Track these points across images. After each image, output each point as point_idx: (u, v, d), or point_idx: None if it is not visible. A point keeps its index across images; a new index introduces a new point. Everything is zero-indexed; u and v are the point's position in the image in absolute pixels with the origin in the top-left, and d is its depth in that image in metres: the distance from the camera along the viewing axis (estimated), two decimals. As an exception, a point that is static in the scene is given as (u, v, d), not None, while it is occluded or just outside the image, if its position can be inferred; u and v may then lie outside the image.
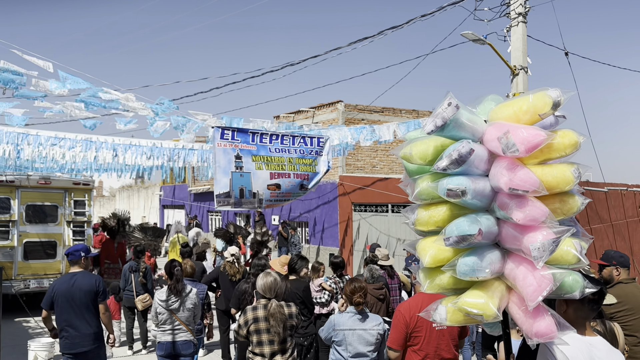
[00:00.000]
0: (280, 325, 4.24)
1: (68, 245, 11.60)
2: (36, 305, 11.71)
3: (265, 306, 4.31)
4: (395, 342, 3.98)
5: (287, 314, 4.33)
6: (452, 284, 2.48)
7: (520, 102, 2.37)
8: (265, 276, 4.46)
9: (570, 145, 2.33)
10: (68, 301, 5.27)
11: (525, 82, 10.76)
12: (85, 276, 5.43)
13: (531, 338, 2.27)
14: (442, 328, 3.97)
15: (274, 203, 7.74)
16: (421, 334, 3.94)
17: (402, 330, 3.96)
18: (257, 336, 4.24)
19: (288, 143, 7.69)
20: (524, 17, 10.64)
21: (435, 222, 2.48)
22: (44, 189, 11.54)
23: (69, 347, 5.29)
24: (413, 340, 3.96)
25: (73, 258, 5.44)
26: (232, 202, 7.20)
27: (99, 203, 37.77)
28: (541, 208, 2.26)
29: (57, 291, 5.32)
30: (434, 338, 3.95)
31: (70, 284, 5.31)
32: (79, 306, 5.29)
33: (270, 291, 4.38)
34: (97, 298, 5.39)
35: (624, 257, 4.60)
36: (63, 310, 5.28)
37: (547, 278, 2.22)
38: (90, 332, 5.33)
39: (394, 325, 4.03)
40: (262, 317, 4.26)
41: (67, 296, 5.27)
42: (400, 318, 3.99)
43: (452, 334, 4.04)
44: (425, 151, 2.47)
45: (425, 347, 3.95)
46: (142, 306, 8.10)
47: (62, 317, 5.29)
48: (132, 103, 7.29)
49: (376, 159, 17.85)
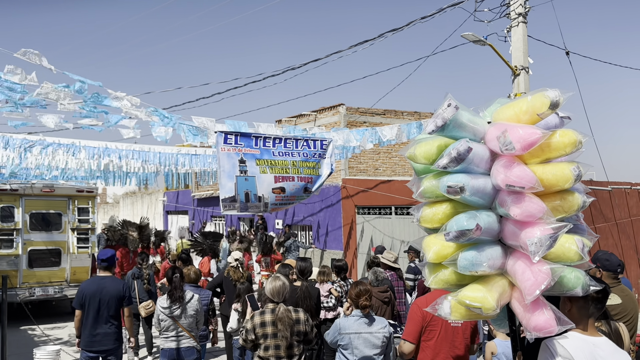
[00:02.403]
0: (288, 330, 4.22)
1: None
2: (41, 313, 11.79)
3: (273, 310, 4.29)
4: (411, 334, 3.97)
5: (294, 319, 4.31)
6: (456, 280, 2.53)
7: (520, 103, 2.45)
8: (273, 280, 4.45)
9: (570, 144, 2.37)
10: (95, 303, 5.65)
11: (527, 82, 10.76)
12: (114, 281, 5.85)
13: (530, 332, 2.32)
14: (457, 325, 3.96)
15: (279, 206, 7.74)
16: (436, 328, 3.93)
17: (418, 323, 3.95)
18: (264, 341, 4.22)
19: (291, 146, 7.69)
20: (524, 18, 10.65)
21: (439, 219, 2.55)
22: (47, 197, 11.58)
23: (91, 345, 5.66)
24: (428, 335, 3.95)
25: (110, 264, 5.87)
26: (238, 207, 7.19)
27: (102, 210, 37.86)
28: (538, 204, 2.31)
29: (85, 293, 5.69)
30: (450, 334, 3.94)
31: (100, 287, 5.70)
32: (105, 308, 5.67)
33: (279, 295, 4.38)
34: (122, 302, 5.80)
35: (610, 261, 4.52)
36: (91, 310, 5.66)
37: (544, 272, 2.27)
38: (112, 332, 5.72)
39: (410, 318, 4.02)
40: (270, 321, 4.25)
41: (95, 298, 5.66)
42: (417, 311, 3.98)
43: (466, 333, 4.02)
44: (429, 151, 2.56)
45: (440, 343, 3.94)
46: (146, 313, 8.10)
47: (89, 316, 5.67)
48: (136, 111, 7.27)
49: (379, 162, 17.85)
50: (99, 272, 5.92)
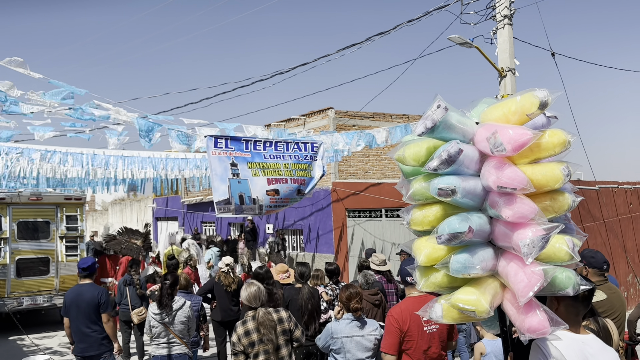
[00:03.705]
0: (272, 332, 4.20)
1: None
2: (30, 323, 11.63)
3: (254, 317, 4.27)
4: (390, 347, 3.96)
5: (276, 319, 4.30)
6: (447, 282, 2.51)
7: (509, 104, 2.42)
8: (248, 287, 4.43)
9: (559, 144, 2.36)
10: (74, 310, 5.79)
11: (514, 84, 10.83)
12: (91, 288, 5.89)
13: (524, 334, 2.30)
14: (433, 331, 3.97)
15: (274, 209, 7.72)
16: (413, 338, 3.93)
17: (396, 334, 3.95)
18: (252, 349, 4.19)
19: (282, 149, 7.68)
20: (509, 20, 10.73)
21: (430, 221, 2.53)
22: (35, 205, 11.45)
23: (79, 350, 5.83)
24: (406, 344, 3.95)
25: (90, 272, 5.93)
26: (233, 209, 7.14)
27: (91, 217, 37.51)
28: (530, 205, 2.30)
29: (66, 300, 5.87)
30: (425, 341, 3.94)
31: (77, 295, 5.82)
32: (84, 315, 5.78)
33: (256, 300, 4.35)
34: (99, 308, 5.84)
35: (595, 258, 4.59)
36: (72, 318, 5.82)
37: (537, 274, 2.26)
38: (96, 338, 5.81)
39: (388, 331, 4.00)
40: (253, 328, 4.22)
41: (73, 305, 5.80)
42: (393, 322, 3.97)
43: (442, 336, 4.04)
44: (418, 153, 2.54)
45: (419, 350, 3.94)
46: (138, 319, 8.02)
47: (73, 323, 5.84)
48: (123, 116, 7.22)
49: (368, 165, 17.87)
50: (80, 280, 6.02)
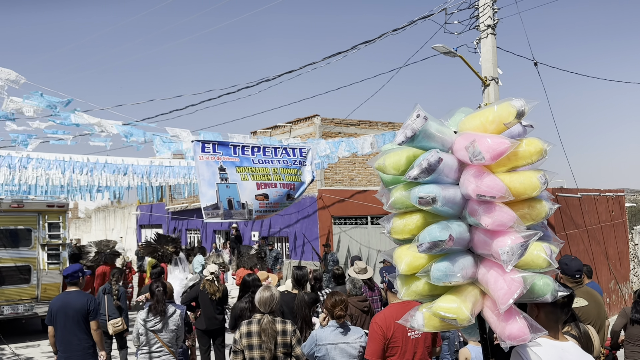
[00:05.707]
0: (272, 342, 4.18)
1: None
2: (11, 332, 11.42)
3: (259, 321, 4.26)
4: (374, 354, 3.97)
5: (279, 331, 4.27)
6: (428, 291, 2.52)
7: (487, 113, 2.46)
8: (263, 290, 4.43)
9: (536, 152, 2.40)
10: (61, 318, 5.69)
11: (497, 93, 10.97)
12: (79, 295, 5.82)
13: (504, 341, 2.32)
14: (417, 337, 4.00)
15: (264, 214, 7.64)
16: (398, 344, 3.95)
17: (380, 342, 3.96)
18: (249, 352, 4.18)
19: (270, 154, 7.63)
20: (492, 29, 10.88)
21: (410, 230, 2.53)
22: (16, 213, 11.27)
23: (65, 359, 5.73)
24: (390, 351, 3.97)
25: (72, 279, 5.84)
26: (222, 214, 7.08)
27: (74, 225, 37.03)
28: (509, 213, 2.33)
29: (52, 308, 5.76)
30: (410, 347, 3.97)
31: (65, 303, 5.74)
32: (71, 323, 5.69)
33: (265, 306, 4.34)
34: (88, 316, 5.77)
35: (569, 266, 4.68)
36: (58, 326, 5.72)
37: (517, 281, 2.28)
38: (83, 347, 5.74)
39: (372, 338, 4.02)
40: (255, 332, 4.21)
41: (61, 313, 5.70)
42: (377, 329, 3.99)
43: (427, 342, 4.07)
44: (398, 161, 2.55)
45: (402, 357, 3.96)
46: (114, 330, 7.83)
47: (58, 332, 5.74)
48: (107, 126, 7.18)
49: (354, 172, 17.94)
50: (68, 287, 5.94)
